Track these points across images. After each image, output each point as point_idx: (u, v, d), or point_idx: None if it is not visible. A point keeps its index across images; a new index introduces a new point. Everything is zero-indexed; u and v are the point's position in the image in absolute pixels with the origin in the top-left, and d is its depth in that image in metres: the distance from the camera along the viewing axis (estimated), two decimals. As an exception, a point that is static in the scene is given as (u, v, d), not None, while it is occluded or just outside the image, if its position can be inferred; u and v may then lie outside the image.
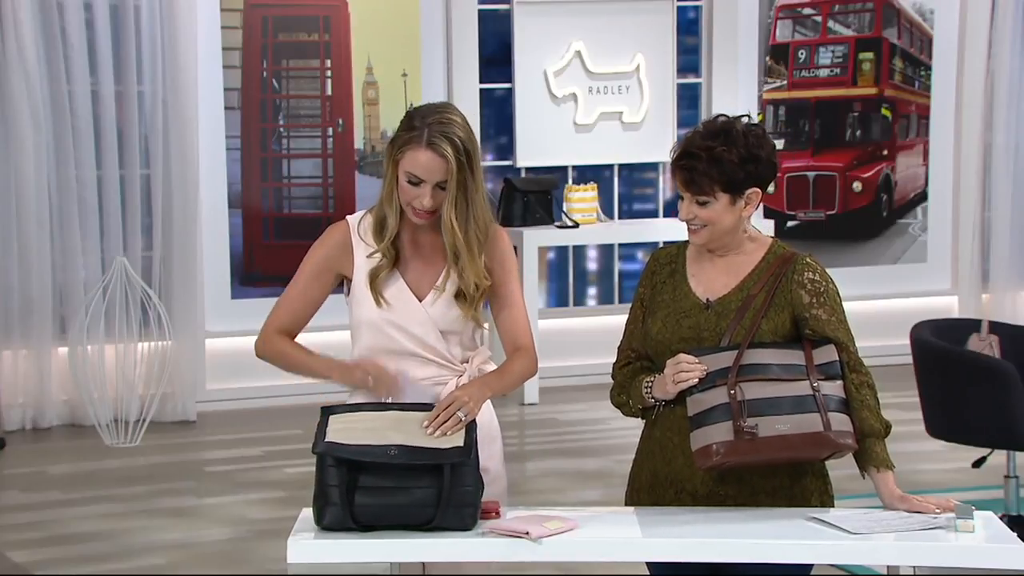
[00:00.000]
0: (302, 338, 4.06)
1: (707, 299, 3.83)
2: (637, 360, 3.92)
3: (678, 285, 3.87)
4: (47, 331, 9.00)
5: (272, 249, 9.50)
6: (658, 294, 3.89)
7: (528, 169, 9.99)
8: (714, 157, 3.74)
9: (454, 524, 3.63)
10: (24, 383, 9.03)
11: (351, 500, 3.62)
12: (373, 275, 3.92)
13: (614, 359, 3.99)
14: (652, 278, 3.92)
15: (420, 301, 3.92)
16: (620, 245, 10.41)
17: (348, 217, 4.03)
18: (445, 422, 3.69)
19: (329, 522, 3.64)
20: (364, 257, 3.95)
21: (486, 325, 4.02)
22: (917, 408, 6.43)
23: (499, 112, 10.10)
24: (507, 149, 10.08)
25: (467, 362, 3.95)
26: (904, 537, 3.59)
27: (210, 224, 9.37)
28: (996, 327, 6.47)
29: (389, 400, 3.82)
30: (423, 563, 3.86)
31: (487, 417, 3.97)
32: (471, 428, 3.71)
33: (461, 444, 3.67)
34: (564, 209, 9.65)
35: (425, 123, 3.84)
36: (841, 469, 3.94)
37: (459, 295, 3.91)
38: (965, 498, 3.91)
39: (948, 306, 10.58)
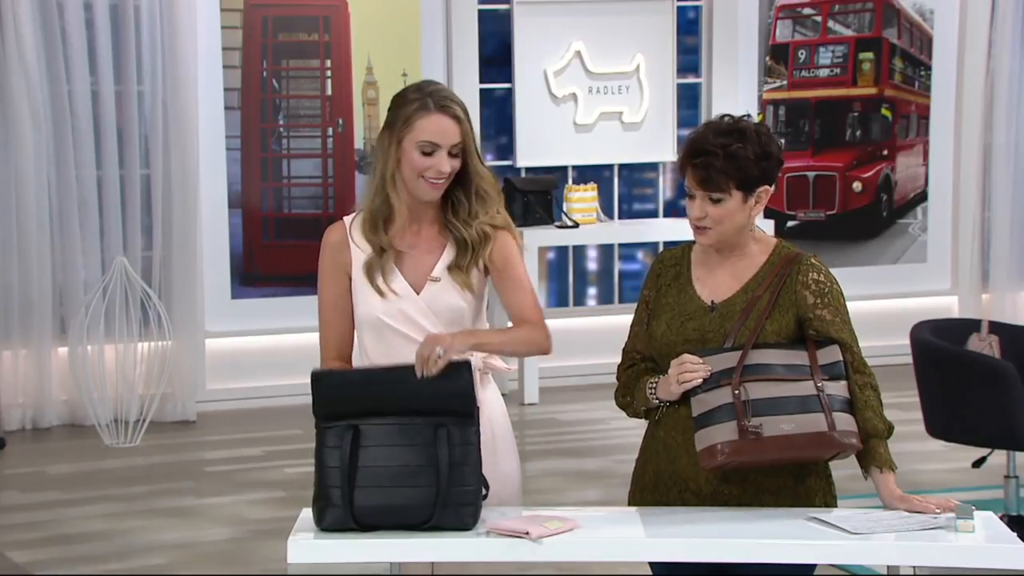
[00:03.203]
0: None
1: (712, 301, 3.83)
2: (641, 361, 3.92)
3: (683, 288, 3.87)
4: (47, 331, 9.00)
5: (272, 249, 9.50)
6: (662, 296, 3.89)
7: (528, 169, 9.99)
8: (730, 154, 3.74)
9: (454, 524, 3.62)
10: (24, 383, 9.03)
11: (351, 500, 3.62)
12: (368, 267, 3.93)
13: (614, 359, 4.00)
14: (657, 280, 3.92)
15: (418, 293, 3.92)
16: (620, 245, 10.41)
17: (344, 218, 4.03)
18: (427, 366, 3.67)
19: (330, 523, 3.64)
20: (361, 253, 3.96)
21: (484, 318, 4.01)
22: (917, 408, 6.43)
23: (499, 112, 10.10)
24: (507, 149, 10.07)
25: (472, 354, 3.93)
26: (904, 537, 3.59)
27: (210, 224, 9.38)
28: (996, 327, 6.47)
29: None
30: (432, 563, 3.86)
31: (498, 416, 3.97)
32: (467, 379, 3.67)
33: (462, 392, 3.65)
34: (564, 209, 9.65)
35: (424, 93, 3.87)
36: (843, 469, 3.94)
37: (461, 250, 3.91)
38: (965, 498, 3.90)
39: (948, 306, 10.58)
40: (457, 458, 3.64)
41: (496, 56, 10.02)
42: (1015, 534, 3.65)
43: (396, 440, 3.66)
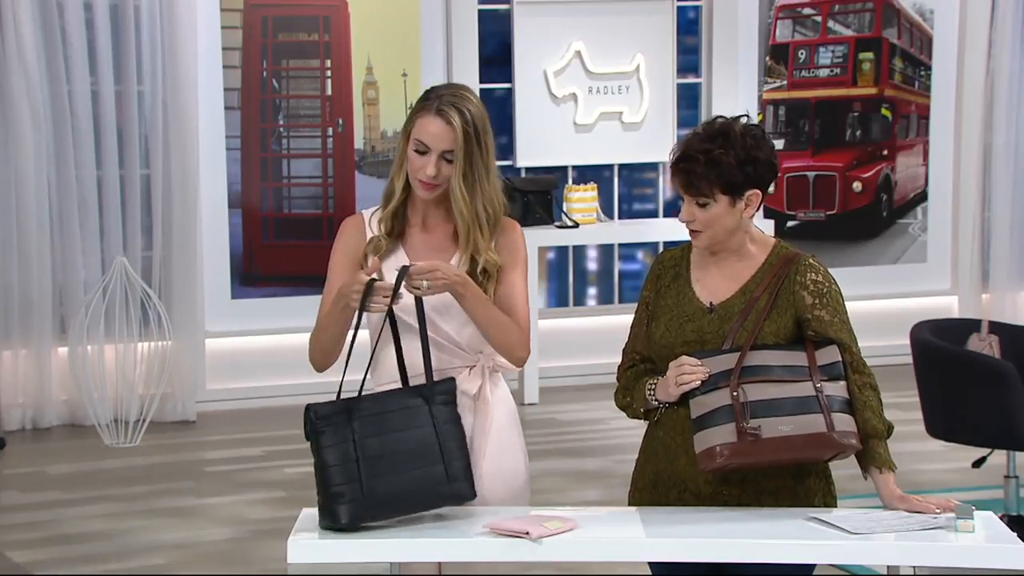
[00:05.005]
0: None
1: (710, 303, 3.83)
2: (642, 362, 3.92)
3: (682, 289, 3.87)
4: (47, 331, 9.00)
5: (272, 249, 9.50)
6: (662, 298, 3.89)
7: (528, 169, 9.99)
8: (712, 159, 3.74)
9: (454, 497, 3.70)
10: (24, 383, 9.03)
11: (361, 490, 3.63)
12: (374, 247, 3.93)
13: (614, 359, 4.00)
14: (656, 281, 3.92)
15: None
16: (620, 245, 10.41)
17: (363, 211, 4.04)
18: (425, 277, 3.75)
19: (349, 519, 3.61)
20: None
21: None
22: (917, 408, 6.43)
23: (499, 112, 10.09)
24: (507, 149, 10.07)
25: (481, 352, 3.94)
26: (904, 537, 3.59)
27: (210, 224, 9.37)
28: (996, 327, 6.47)
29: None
30: (439, 563, 3.86)
31: (507, 413, 3.98)
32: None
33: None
34: (564, 209, 9.65)
35: (438, 95, 3.89)
36: (843, 469, 3.94)
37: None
38: (965, 498, 3.91)
39: (948, 306, 10.58)
40: (445, 436, 3.70)
41: (496, 56, 10.02)
42: (1015, 534, 3.65)
43: (386, 428, 3.68)
